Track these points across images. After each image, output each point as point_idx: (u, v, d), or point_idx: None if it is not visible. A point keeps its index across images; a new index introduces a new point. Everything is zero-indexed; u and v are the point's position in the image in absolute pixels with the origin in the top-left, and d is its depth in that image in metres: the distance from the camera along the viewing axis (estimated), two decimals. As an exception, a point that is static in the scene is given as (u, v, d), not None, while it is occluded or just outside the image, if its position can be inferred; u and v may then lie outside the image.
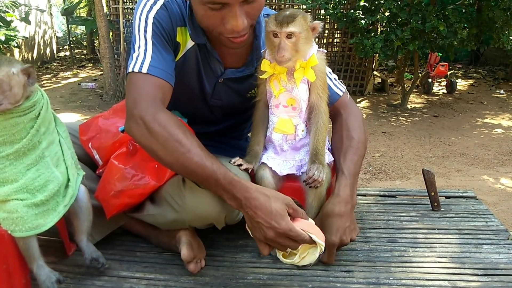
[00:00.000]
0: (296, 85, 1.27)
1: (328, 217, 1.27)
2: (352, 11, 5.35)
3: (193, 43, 1.35)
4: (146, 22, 1.28)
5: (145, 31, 1.28)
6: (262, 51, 1.36)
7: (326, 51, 1.34)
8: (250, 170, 1.32)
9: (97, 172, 1.47)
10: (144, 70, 1.24)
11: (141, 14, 1.29)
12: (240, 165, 1.30)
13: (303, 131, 1.31)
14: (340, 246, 1.30)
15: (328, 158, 1.36)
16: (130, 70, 1.26)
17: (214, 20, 1.19)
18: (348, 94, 1.51)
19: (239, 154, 1.37)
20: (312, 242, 1.15)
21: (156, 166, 1.37)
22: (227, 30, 1.20)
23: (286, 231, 1.11)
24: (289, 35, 1.21)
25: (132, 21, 1.35)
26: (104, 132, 1.48)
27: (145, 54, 1.26)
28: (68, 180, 1.23)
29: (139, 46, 1.27)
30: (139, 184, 1.33)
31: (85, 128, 1.52)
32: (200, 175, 1.16)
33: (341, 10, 5.56)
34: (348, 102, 1.49)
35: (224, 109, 1.51)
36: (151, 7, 1.29)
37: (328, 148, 1.41)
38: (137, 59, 1.26)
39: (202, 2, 1.17)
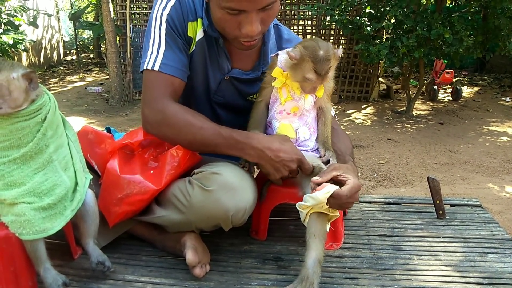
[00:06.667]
0: (305, 97, 1.31)
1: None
2: (358, 17, 5.35)
3: (202, 35, 1.40)
4: (160, 20, 1.35)
5: (160, 29, 1.35)
6: (272, 55, 1.39)
7: None
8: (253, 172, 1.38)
9: (99, 182, 1.48)
10: (156, 68, 1.33)
11: (157, 11, 1.36)
12: (248, 167, 1.33)
13: (305, 133, 1.33)
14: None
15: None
16: (144, 67, 1.35)
17: (231, 24, 1.26)
18: (336, 118, 1.57)
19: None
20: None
21: (152, 172, 1.38)
22: (242, 34, 1.26)
23: (303, 160, 1.28)
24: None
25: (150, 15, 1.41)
26: (97, 143, 1.48)
27: (158, 51, 1.34)
28: (76, 184, 1.24)
29: (153, 43, 1.35)
30: (136, 190, 1.33)
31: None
32: (218, 142, 1.28)
33: (347, 17, 5.57)
34: (335, 125, 1.50)
35: (226, 107, 1.54)
36: (166, 4, 1.36)
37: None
38: (150, 56, 1.34)
39: (220, 7, 1.22)
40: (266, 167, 1.29)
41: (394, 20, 5.30)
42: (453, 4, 6.36)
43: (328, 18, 5.82)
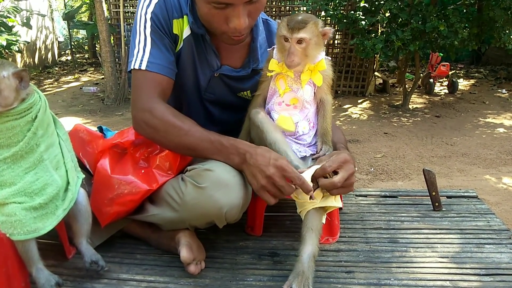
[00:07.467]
0: (302, 87, 1.29)
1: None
2: (352, 12, 5.34)
3: (189, 33, 1.38)
4: (145, 17, 1.33)
5: (145, 27, 1.33)
6: (268, 49, 1.38)
7: (330, 58, 1.36)
8: None
9: (91, 181, 1.46)
10: (143, 67, 1.31)
11: (142, 9, 1.34)
12: None
13: (304, 127, 1.32)
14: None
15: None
16: (131, 67, 1.34)
17: (218, 19, 1.24)
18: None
19: None
20: (307, 189, 1.18)
21: (143, 171, 1.36)
22: (229, 28, 1.24)
23: (283, 166, 1.16)
24: (300, 41, 1.22)
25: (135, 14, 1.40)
26: (88, 142, 1.47)
27: (144, 50, 1.33)
28: (68, 183, 1.23)
29: (139, 42, 1.34)
30: (127, 191, 1.32)
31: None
32: (205, 146, 1.26)
33: (341, 11, 5.56)
34: None
35: (217, 104, 1.52)
36: (150, 1, 1.34)
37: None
38: (137, 55, 1.33)
39: (206, 1, 1.20)
40: (246, 173, 1.23)
41: (389, 14, 5.29)
42: (447, -3, 6.34)
43: (322, 13, 5.80)
